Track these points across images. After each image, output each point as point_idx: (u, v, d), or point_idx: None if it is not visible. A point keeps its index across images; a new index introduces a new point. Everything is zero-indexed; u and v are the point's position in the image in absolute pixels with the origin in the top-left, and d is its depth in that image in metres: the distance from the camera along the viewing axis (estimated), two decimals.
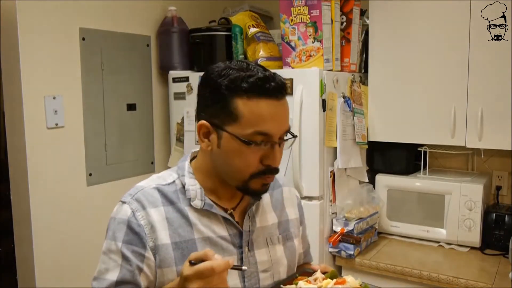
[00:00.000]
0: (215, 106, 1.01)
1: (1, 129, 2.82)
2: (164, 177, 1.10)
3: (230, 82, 0.98)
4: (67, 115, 2.02)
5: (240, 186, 1.05)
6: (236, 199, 1.12)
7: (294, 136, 1.08)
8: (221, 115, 1.00)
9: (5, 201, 2.17)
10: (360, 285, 1.01)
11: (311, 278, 1.06)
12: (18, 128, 1.90)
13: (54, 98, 1.97)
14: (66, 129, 2.03)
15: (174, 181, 1.08)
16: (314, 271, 1.10)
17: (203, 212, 1.06)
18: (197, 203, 1.05)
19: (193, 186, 1.06)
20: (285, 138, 1.05)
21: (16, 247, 2.00)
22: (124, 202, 1.04)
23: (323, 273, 1.09)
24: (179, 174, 1.09)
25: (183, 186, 1.07)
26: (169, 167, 2.46)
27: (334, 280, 1.02)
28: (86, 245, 2.10)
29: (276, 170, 1.04)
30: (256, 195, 1.09)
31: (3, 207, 2.34)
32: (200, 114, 1.05)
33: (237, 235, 1.08)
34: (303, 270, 1.19)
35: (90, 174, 2.14)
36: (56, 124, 1.98)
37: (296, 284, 1.02)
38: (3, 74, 1.95)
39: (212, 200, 1.07)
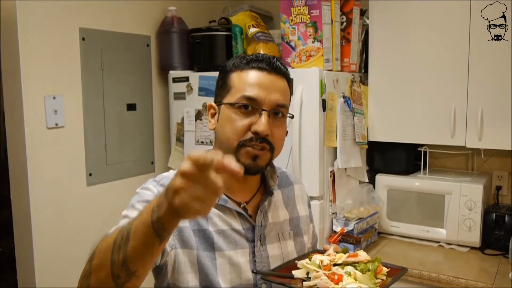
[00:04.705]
0: (220, 87, 1.12)
1: (1, 129, 2.82)
2: None
3: (232, 64, 1.11)
4: (67, 115, 2.02)
5: None
6: (248, 193, 1.16)
7: (291, 116, 1.15)
8: (221, 92, 1.11)
9: (5, 201, 2.17)
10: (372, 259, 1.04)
11: (325, 254, 1.09)
12: (18, 128, 1.90)
13: (54, 98, 1.97)
14: (66, 129, 2.03)
15: None
16: (326, 251, 1.13)
17: (218, 206, 1.09)
18: None
19: None
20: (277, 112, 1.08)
21: (16, 247, 2.00)
22: (147, 187, 1.07)
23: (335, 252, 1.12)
24: None
25: None
26: (169, 167, 2.48)
27: (347, 254, 1.06)
28: (86, 245, 2.09)
29: (264, 140, 1.05)
30: (246, 171, 1.05)
31: (3, 207, 2.34)
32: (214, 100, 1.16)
33: (250, 229, 1.12)
34: (315, 250, 1.24)
35: (90, 174, 2.14)
36: (56, 124, 1.98)
37: (310, 258, 1.05)
38: (3, 74, 1.95)
39: (226, 196, 1.10)
